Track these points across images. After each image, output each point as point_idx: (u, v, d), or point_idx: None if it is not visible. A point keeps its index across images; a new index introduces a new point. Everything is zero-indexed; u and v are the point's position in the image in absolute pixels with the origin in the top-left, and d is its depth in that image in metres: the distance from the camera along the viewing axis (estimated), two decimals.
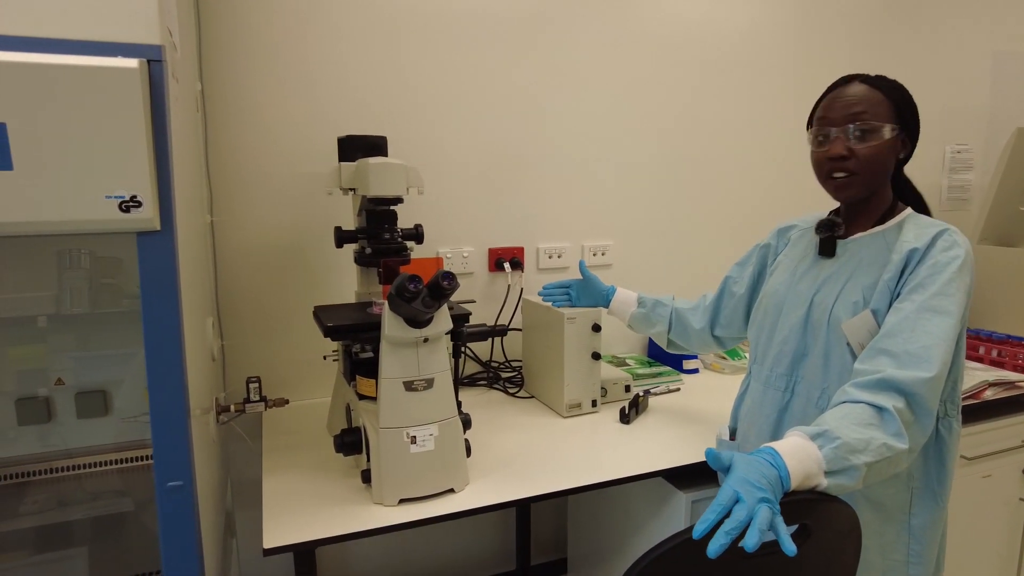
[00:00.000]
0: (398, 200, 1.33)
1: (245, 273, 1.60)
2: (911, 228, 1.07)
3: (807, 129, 1.14)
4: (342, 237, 1.37)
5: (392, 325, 1.13)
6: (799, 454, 0.82)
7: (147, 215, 0.86)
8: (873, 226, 1.12)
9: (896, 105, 1.05)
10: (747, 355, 1.97)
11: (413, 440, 1.16)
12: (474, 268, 1.85)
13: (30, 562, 1.46)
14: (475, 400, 1.71)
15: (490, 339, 1.82)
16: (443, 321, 1.18)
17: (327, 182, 1.38)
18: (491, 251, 1.86)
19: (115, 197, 0.84)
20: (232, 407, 1.33)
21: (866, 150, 1.04)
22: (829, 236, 1.15)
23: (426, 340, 1.15)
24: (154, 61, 0.88)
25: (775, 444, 0.83)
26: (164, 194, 0.90)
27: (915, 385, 0.90)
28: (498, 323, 1.83)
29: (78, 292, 1.42)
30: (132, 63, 0.83)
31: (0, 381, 1.38)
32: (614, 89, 1.95)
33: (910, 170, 1.17)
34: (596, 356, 1.58)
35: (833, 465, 0.82)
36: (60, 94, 0.80)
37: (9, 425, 1.35)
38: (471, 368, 1.86)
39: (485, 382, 1.82)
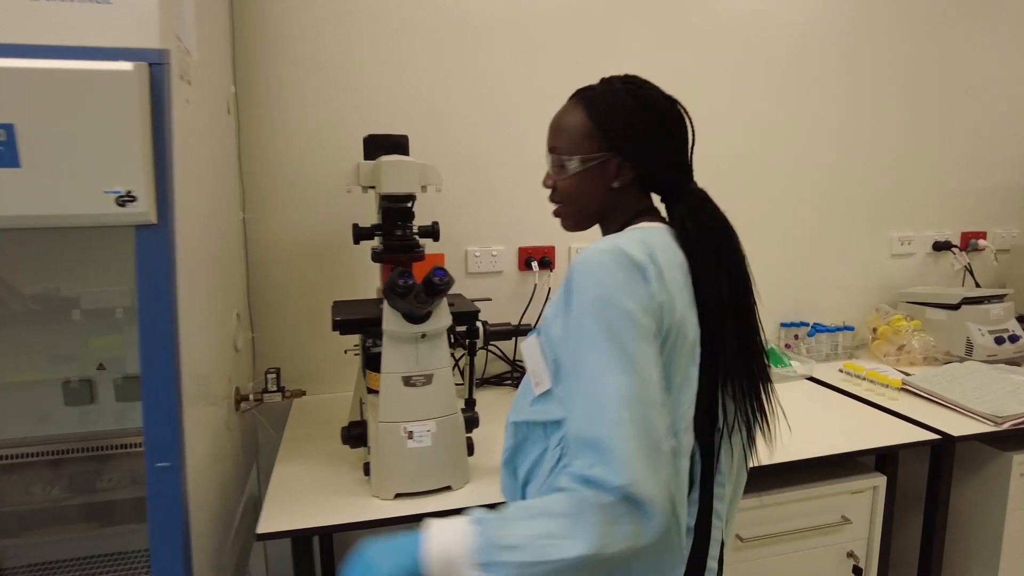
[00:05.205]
0: (410, 197, 1.34)
1: (277, 268, 1.67)
2: None
3: None
4: (359, 234, 1.39)
5: (390, 320, 1.14)
6: (446, 539, 0.71)
7: (142, 209, 0.91)
8: None
9: (602, 127, 0.89)
10: (792, 362, 1.85)
11: (410, 435, 1.17)
12: (503, 267, 1.84)
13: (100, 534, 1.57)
14: (498, 399, 1.70)
15: (515, 339, 1.80)
16: (442, 317, 1.17)
17: (347, 180, 1.41)
18: (521, 250, 1.84)
19: (112, 192, 0.90)
20: (251, 396, 1.39)
21: (561, 184, 0.94)
22: None
23: (424, 336, 1.16)
24: (156, 64, 0.94)
25: (435, 523, 0.74)
26: (163, 190, 0.95)
27: (607, 486, 0.68)
28: (522, 323, 1.82)
29: None
30: (127, 66, 0.88)
31: (84, 367, 1.49)
32: None
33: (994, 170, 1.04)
34: None
35: (480, 556, 0.69)
36: (63, 96, 0.86)
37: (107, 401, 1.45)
38: (500, 367, 1.86)
39: (511, 381, 1.81)
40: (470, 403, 1.48)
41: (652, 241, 0.82)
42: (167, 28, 0.96)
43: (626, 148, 0.89)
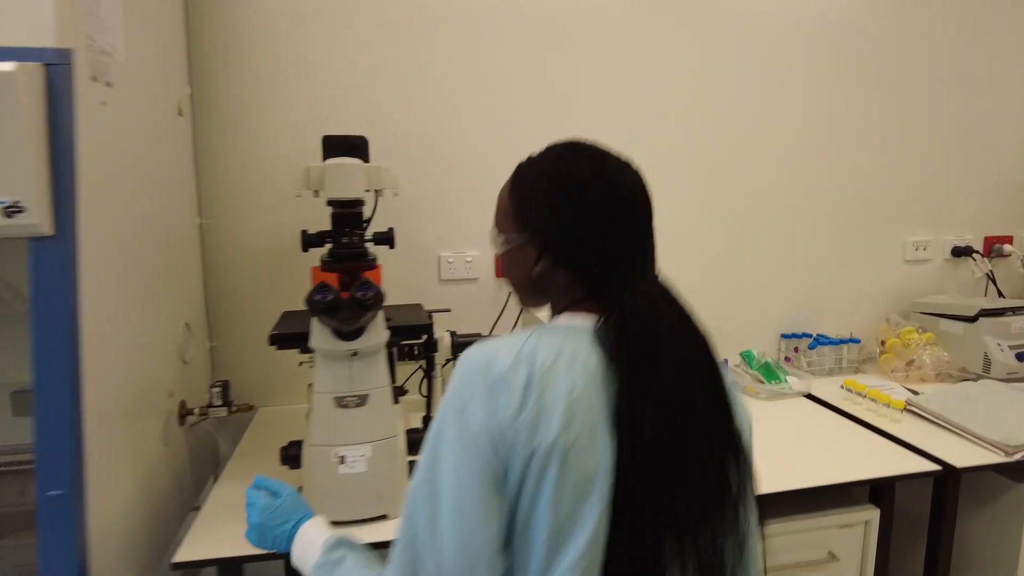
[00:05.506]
0: (358, 202, 1.26)
1: (239, 275, 1.61)
2: None
3: None
4: (308, 241, 1.32)
5: (319, 336, 1.07)
6: (305, 547, 0.83)
7: (32, 220, 0.85)
8: None
9: (517, 207, 0.77)
10: (789, 377, 1.72)
11: (342, 460, 1.09)
12: (479, 273, 1.75)
13: None
14: None
15: None
16: (377, 333, 1.09)
17: (296, 184, 1.34)
18: (498, 256, 1.75)
19: None
20: (196, 411, 1.33)
21: (499, 260, 0.85)
22: None
23: (355, 354, 1.08)
24: (53, 65, 0.88)
25: (309, 529, 0.86)
26: (62, 199, 0.89)
27: None
28: (494, 333, 1.72)
29: None
30: (8, 67, 0.82)
31: None
32: (639, 84, 1.77)
33: None
34: None
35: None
36: None
37: None
38: None
39: None
40: (428, 421, 1.40)
41: (545, 345, 0.68)
42: (68, 27, 0.91)
43: (536, 234, 0.75)
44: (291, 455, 1.19)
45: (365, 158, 1.44)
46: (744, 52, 1.82)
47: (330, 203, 1.26)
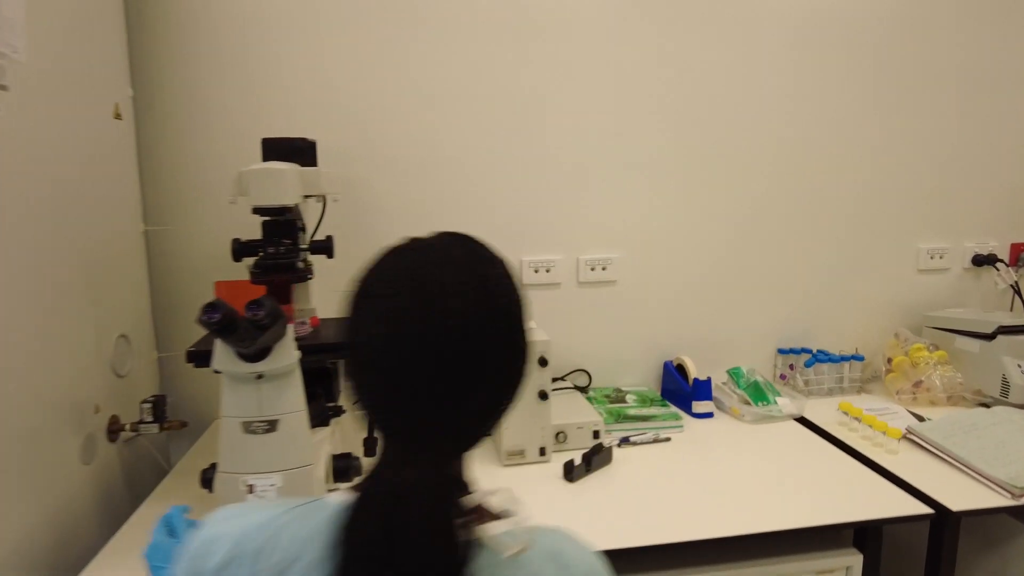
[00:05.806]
0: (284, 209, 1.18)
1: (190, 283, 1.54)
2: None
3: None
4: (240, 250, 1.25)
5: (221, 357, 0.99)
6: None
7: None
8: None
9: None
10: (776, 400, 1.57)
11: (251, 489, 1.01)
12: None
13: None
14: None
15: None
16: (284, 355, 1.01)
17: (231, 190, 1.27)
18: None
19: None
20: (128, 426, 1.28)
21: None
22: None
23: (260, 376, 0.99)
24: None
25: None
26: None
27: None
28: None
29: None
30: None
31: None
32: (625, 83, 1.64)
33: None
34: (544, 396, 1.32)
35: None
36: None
37: None
38: None
39: None
40: (370, 443, 1.31)
41: (288, 538, 0.51)
42: None
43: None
44: (208, 479, 1.11)
45: (308, 162, 1.36)
46: (741, 49, 1.68)
47: (256, 211, 1.18)
